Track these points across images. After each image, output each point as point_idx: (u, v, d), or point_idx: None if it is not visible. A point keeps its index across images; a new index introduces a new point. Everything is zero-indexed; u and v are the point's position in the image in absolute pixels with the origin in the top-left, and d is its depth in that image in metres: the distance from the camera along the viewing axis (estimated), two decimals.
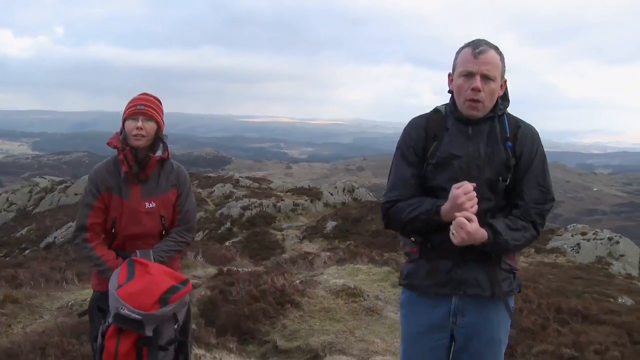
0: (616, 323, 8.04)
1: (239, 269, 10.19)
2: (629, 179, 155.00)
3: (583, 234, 29.71)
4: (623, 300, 16.52)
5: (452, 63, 2.53)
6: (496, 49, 2.44)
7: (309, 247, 26.72)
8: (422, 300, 2.56)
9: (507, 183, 2.46)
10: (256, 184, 39.78)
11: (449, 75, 2.57)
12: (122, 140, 3.25)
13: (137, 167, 3.23)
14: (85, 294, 8.43)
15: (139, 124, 3.19)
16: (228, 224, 29.59)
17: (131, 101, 3.26)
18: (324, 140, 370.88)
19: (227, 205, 32.11)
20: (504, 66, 2.46)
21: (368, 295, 6.95)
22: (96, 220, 3.25)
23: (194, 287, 7.48)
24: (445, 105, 2.61)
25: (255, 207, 31.67)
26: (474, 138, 2.47)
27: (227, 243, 24.82)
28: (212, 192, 36.38)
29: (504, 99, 2.53)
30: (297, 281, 7.28)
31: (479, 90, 2.37)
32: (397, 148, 2.64)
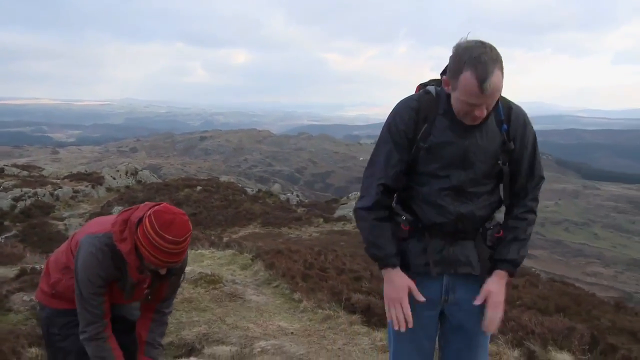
0: None
1: (37, 266, 9.09)
2: None
3: None
4: None
5: (452, 73, 2.26)
6: (499, 63, 2.19)
7: None
8: (413, 278, 2.47)
9: (507, 166, 2.44)
10: (25, 172, 36.19)
11: (445, 79, 2.33)
12: (141, 261, 2.66)
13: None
14: None
15: (163, 271, 2.73)
16: None
17: (162, 248, 2.55)
18: (92, 122, 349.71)
19: None
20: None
21: (227, 281, 6.69)
22: (108, 307, 2.80)
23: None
24: (436, 87, 2.48)
25: (29, 197, 28.80)
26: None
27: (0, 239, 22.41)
28: None
29: None
30: None
31: (482, 117, 2.30)
32: (387, 130, 2.49)
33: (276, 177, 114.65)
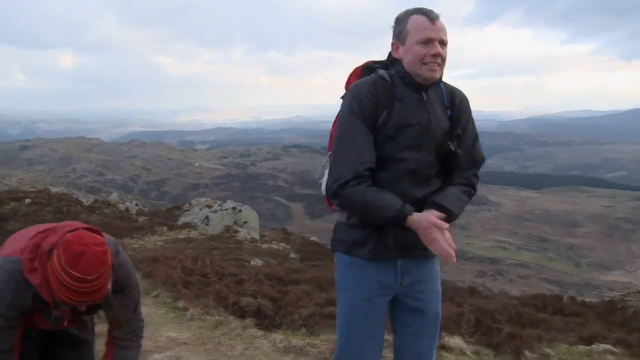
0: (306, 279, 8.81)
1: None
2: (224, 152, 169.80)
3: (209, 206, 31.59)
4: (255, 262, 18.16)
5: (399, 30, 2.45)
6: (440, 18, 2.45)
7: None
8: (368, 265, 2.48)
9: (454, 150, 2.48)
10: None
11: (394, 43, 2.48)
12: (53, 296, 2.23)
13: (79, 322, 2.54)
14: None
15: (83, 308, 2.29)
16: None
17: (69, 286, 2.11)
18: None
19: None
20: None
21: None
22: (18, 339, 2.39)
23: None
24: (388, 72, 2.49)
25: None
26: (426, 105, 2.45)
27: None
28: None
29: None
30: None
31: (440, 55, 2.37)
32: (351, 112, 2.40)
33: (108, 186, 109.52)
